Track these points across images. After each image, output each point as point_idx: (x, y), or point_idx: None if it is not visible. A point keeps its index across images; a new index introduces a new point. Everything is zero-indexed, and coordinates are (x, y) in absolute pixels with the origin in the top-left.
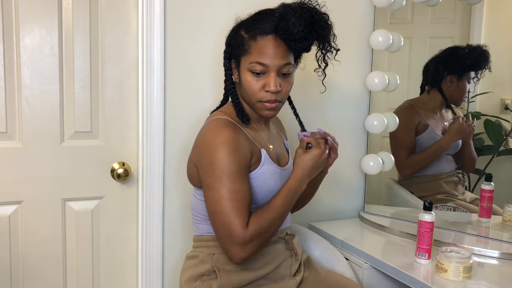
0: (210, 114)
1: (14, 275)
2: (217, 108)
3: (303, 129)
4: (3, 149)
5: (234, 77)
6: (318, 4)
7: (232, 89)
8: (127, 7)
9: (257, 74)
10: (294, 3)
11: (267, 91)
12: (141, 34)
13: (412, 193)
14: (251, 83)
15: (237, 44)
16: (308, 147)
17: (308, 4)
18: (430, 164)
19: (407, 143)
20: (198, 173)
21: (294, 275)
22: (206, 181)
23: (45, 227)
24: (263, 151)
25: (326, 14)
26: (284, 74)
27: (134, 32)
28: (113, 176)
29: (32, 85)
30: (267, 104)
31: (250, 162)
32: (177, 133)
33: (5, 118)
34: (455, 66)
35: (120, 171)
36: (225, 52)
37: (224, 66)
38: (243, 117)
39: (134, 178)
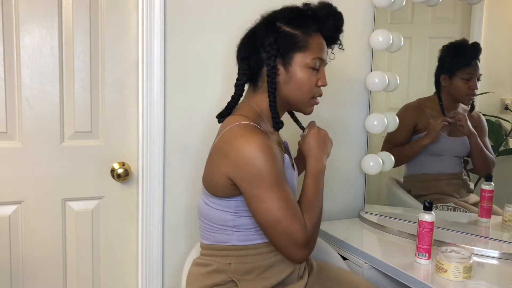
0: (221, 117)
1: (14, 275)
2: (227, 110)
3: (303, 128)
4: (3, 149)
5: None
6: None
7: (273, 91)
8: (127, 7)
9: (316, 70)
10: (329, 5)
11: (319, 86)
12: (141, 34)
13: (410, 191)
14: (310, 80)
15: (287, 41)
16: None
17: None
18: (408, 160)
19: (396, 139)
20: (232, 185)
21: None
22: (253, 192)
23: (45, 227)
24: (286, 157)
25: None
26: None
27: (134, 32)
28: (113, 176)
29: (32, 85)
30: (317, 100)
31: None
32: (177, 133)
33: (5, 118)
34: (444, 64)
35: (120, 171)
36: (270, 50)
37: (268, 66)
38: (278, 123)
39: (134, 178)
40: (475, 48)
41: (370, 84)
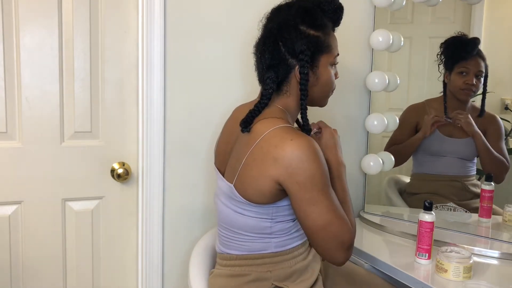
0: (246, 127)
1: (14, 275)
2: (252, 119)
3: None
4: (3, 149)
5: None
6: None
7: (305, 98)
8: (127, 7)
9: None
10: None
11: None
12: (141, 34)
13: (405, 190)
14: (332, 76)
15: (315, 46)
16: (316, 133)
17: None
18: (405, 157)
19: (397, 138)
20: (279, 190)
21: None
22: (304, 196)
23: (45, 227)
24: None
25: None
26: None
27: (134, 32)
28: (113, 176)
29: (32, 85)
30: (332, 93)
31: None
32: (177, 133)
33: (5, 118)
34: (443, 60)
35: (120, 171)
36: (304, 58)
37: (302, 74)
38: (308, 130)
39: (134, 178)
40: (472, 42)
41: (370, 84)
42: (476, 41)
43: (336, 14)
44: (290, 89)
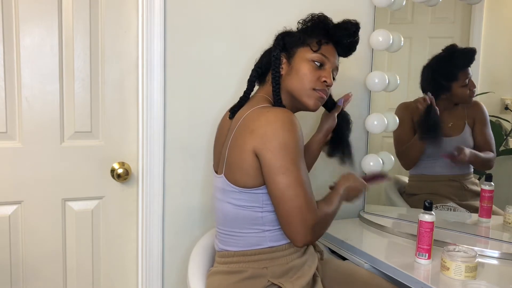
0: (233, 113)
1: (14, 275)
2: (240, 104)
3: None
4: (3, 149)
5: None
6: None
7: (276, 79)
8: (127, 7)
9: (319, 65)
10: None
11: (323, 81)
12: (141, 34)
13: (404, 191)
14: (311, 72)
15: (292, 39)
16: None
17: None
18: (414, 157)
19: (398, 137)
20: (257, 162)
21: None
22: (276, 164)
23: (45, 227)
24: None
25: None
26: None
27: (134, 32)
28: (113, 176)
29: (32, 85)
30: (320, 93)
31: None
32: (177, 133)
33: (5, 118)
34: (437, 78)
35: (120, 171)
36: (276, 44)
37: (273, 57)
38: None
39: (134, 178)
40: (472, 51)
41: (370, 84)
42: (466, 54)
43: (337, 28)
44: (270, 77)
